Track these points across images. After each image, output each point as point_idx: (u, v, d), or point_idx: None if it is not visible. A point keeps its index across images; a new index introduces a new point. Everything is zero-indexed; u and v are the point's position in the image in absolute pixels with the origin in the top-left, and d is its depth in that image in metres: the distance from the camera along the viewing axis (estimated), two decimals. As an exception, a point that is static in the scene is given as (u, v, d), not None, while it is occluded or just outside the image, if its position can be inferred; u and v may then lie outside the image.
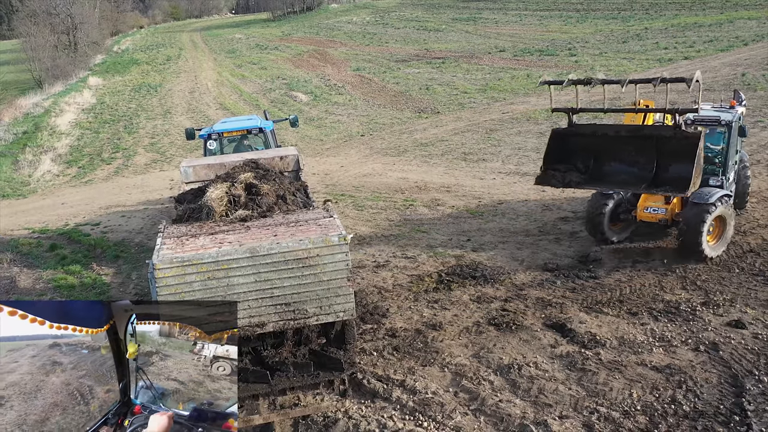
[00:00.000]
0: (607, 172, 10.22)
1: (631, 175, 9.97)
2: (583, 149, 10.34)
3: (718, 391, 7.17)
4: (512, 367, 7.88)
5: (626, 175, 10.04)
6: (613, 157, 10.22)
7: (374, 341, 8.71)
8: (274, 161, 9.92)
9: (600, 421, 6.84)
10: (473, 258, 11.21)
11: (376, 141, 21.58)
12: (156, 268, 6.32)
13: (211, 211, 7.89)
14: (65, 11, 53.82)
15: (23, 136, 26.64)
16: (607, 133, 10.19)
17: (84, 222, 15.22)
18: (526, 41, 42.52)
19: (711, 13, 44.72)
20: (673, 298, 9.23)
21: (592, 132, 10.34)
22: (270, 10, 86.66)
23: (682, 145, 9.24)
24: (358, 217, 13.83)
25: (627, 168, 10.07)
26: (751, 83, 23.31)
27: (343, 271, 6.78)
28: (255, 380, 6.96)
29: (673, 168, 9.58)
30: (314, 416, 7.23)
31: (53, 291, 11.40)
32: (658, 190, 9.74)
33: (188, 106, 31.16)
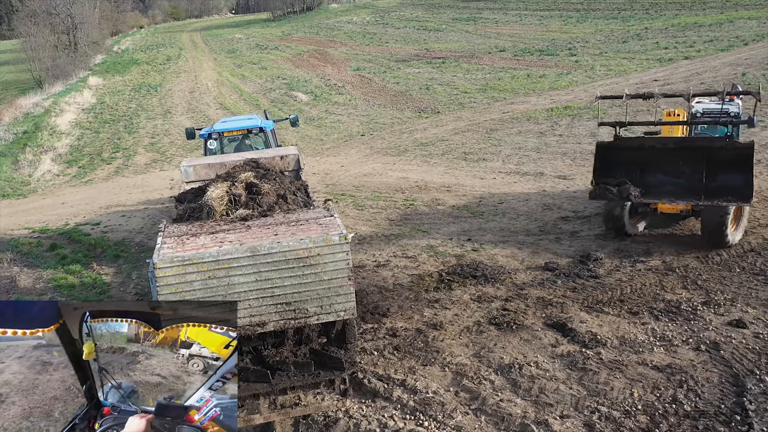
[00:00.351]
0: (652, 183, 10.50)
1: (678, 186, 10.33)
2: (629, 162, 10.60)
3: (719, 391, 7.15)
4: (513, 367, 7.87)
5: (672, 186, 10.37)
6: (658, 168, 10.53)
7: (375, 341, 8.70)
8: (274, 161, 9.92)
9: (601, 420, 6.83)
10: (474, 257, 11.20)
11: (377, 141, 21.58)
12: (156, 267, 6.31)
13: (212, 210, 7.88)
14: (65, 11, 53.83)
15: (23, 136, 26.63)
16: (654, 145, 10.47)
17: (84, 222, 15.21)
18: (526, 41, 42.51)
19: (711, 13, 44.72)
20: (674, 298, 9.22)
21: (639, 145, 10.61)
22: (270, 10, 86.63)
23: (734, 155, 9.60)
24: (358, 217, 13.82)
25: (673, 179, 10.40)
26: (751, 83, 23.29)
27: (344, 270, 6.77)
28: (256, 379, 6.95)
29: (723, 177, 9.95)
30: (315, 416, 7.22)
31: (53, 291, 11.38)
32: (720, 201, 9.89)
33: (188, 106, 31.15)
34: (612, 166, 10.50)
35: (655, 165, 10.52)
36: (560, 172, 16.01)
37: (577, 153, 17.55)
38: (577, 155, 17.34)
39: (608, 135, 18.81)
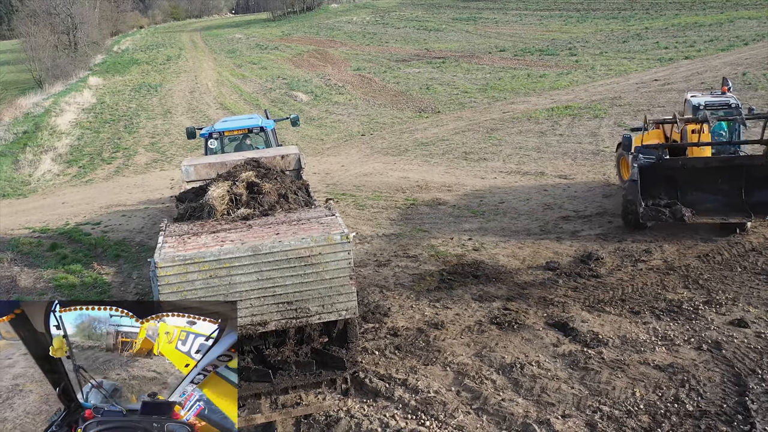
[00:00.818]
0: (691, 201, 10.94)
1: (717, 203, 10.90)
2: (669, 181, 11.06)
3: (721, 390, 7.14)
4: (514, 366, 7.86)
5: (711, 203, 10.91)
6: (696, 186, 11.01)
7: (376, 340, 8.68)
8: (275, 160, 9.91)
9: (603, 420, 6.82)
10: (475, 257, 11.19)
11: (377, 140, 21.56)
12: (158, 266, 6.29)
13: (213, 209, 7.87)
14: (65, 11, 53.77)
15: (23, 136, 26.61)
16: (695, 165, 10.96)
17: (84, 221, 15.20)
18: (526, 41, 42.49)
19: (711, 12, 44.70)
20: (676, 297, 9.21)
21: (681, 165, 11.05)
22: (270, 10, 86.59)
23: None
24: (359, 217, 13.81)
25: (711, 196, 10.94)
26: (752, 82, 23.30)
27: (346, 269, 6.76)
28: (257, 379, 6.94)
29: (761, 193, 10.69)
30: (316, 415, 7.20)
31: (54, 290, 11.37)
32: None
33: (188, 106, 31.14)
34: (652, 186, 10.87)
35: (693, 183, 11.01)
36: (561, 171, 16.00)
37: (578, 153, 17.54)
38: (578, 155, 17.32)
39: (609, 135, 18.84)
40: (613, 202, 13.31)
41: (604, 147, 17.73)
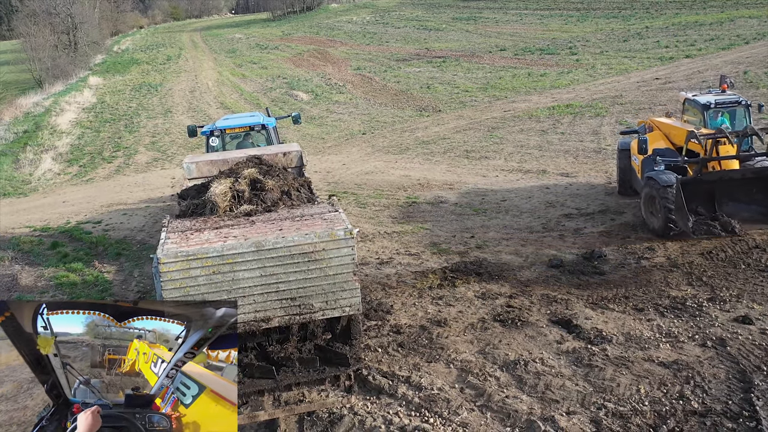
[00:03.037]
0: (729, 212, 11.14)
1: (753, 212, 11.16)
2: (706, 194, 11.23)
3: (726, 387, 7.10)
4: (518, 363, 7.82)
5: (747, 212, 11.17)
6: (731, 197, 11.25)
7: (379, 338, 8.64)
8: (277, 157, 9.86)
9: (608, 416, 6.78)
10: (477, 255, 11.15)
11: (378, 139, 21.53)
12: (160, 262, 6.25)
13: (215, 206, 7.84)
14: (65, 11, 53.71)
15: (24, 135, 26.59)
16: (732, 177, 11.17)
17: (85, 220, 15.16)
18: (526, 40, 42.46)
19: (712, 11, 44.66)
20: (680, 294, 9.18)
21: (718, 177, 11.24)
22: (270, 10, 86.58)
23: None
24: (360, 215, 13.77)
25: (747, 206, 11.18)
26: (753, 81, 23.27)
27: (349, 265, 6.72)
28: (260, 376, 6.91)
29: None
30: (319, 412, 7.16)
31: (55, 289, 11.34)
32: None
33: (189, 105, 31.11)
34: (690, 199, 10.92)
35: (729, 194, 11.22)
36: (563, 169, 15.97)
37: (579, 150, 17.51)
38: (580, 153, 17.29)
39: (610, 133, 18.81)
40: (615, 200, 13.29)
41: (605, 145, 17.70)
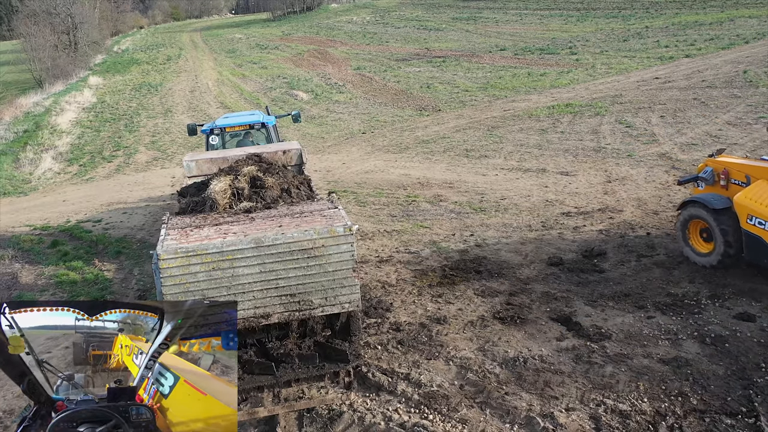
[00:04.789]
0: None
1: None
2: None
3: (726, 384, 7.11)
4: (518, 360, 7.83)
5: None
6: None
7: (378, 335, 8.65)
8: (276, 155, 9.87)
9: (607, 413, 6.79)
10: (477, 253, 11.16)
11: (378, 138, 21.54)
12: (160, 258, 6.25)
13: (215, 203, 7.85)
14: (65, 11, 53.76)
15: (24, 135, 26.62)
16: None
17: (85, 219, 15.18)
18: (526, 40, 42.49)
19: (712, 11, 44.69)
20: (679, 292, 9.17)
21: None
22: (270, 10, 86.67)
23: None
24: (360, 213, 13.78)
25: None
26: (753, 80, 23.28)
27: (349, 262, 6.72)
28: (260, 372, 6.91)
29: None
30: (319, 409, 7.17)
31: (55, 287, 11.35)
32: None
33: (189, 105, 31.14)
34: None
35: None
36: (562, 168, 15.98)
37: (579, 150, 17.51)
38: (579, 152, 17.30)
39: (610, 132, 18.82)
40: (615, 199, 13.31)
41: (605, 144, 17.71)
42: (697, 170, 10.45)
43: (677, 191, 13.37)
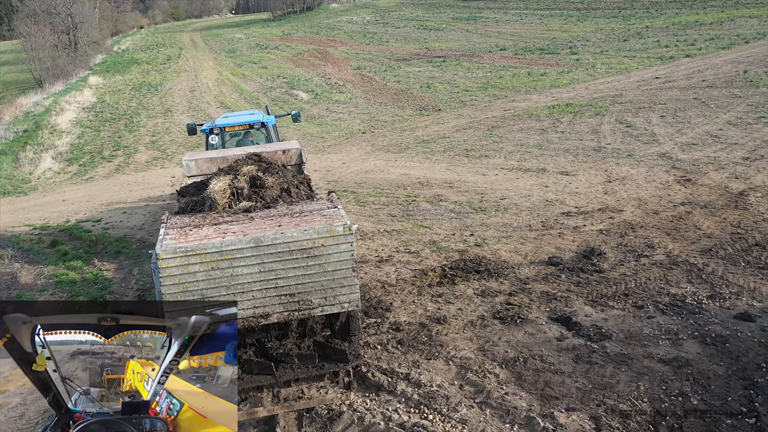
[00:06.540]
0: None
1: None
2: None
3: (726, 384, 7.09)
4: (518, 360, 7.81)
5: None
6: None
7: (378, 335, 8.64)
8: (276, 155, 9.83)
9: (607, 413, 6.77)
10: (477, 252, 11.14)
11: (378, 138, 21.52)
12: (159, 257, 6.23)
13: (214, 203, 7.81)
14: (65, 11, 53.70)
15: (24, 135, 26.59)
16: None
17: (85, 218, 15.16)
18: (527, 40, 42.47)
19: (712, 11, 44.67)
20: (679, 292, 9.17)
21: None
22: (270, 10, 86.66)
23: None
24: (360, 213, 13.76)
25: None
26: (753, 80, 23.26)
27: (348, 261, 6.69)
28: (259, 372, 6.88)
29: None
30: (318, 409, 7.16)
31: (55, 287, 11.33)
32: None
33: (189, 105, 31.12)
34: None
35: None
36: (562, 168, 15.96)
37: (579, 149, 17.49)
38: (579, 151, 17.28)
39: (610, 132, 18.80)
40: (615, 199, 13.29)
41: (605, 144, 17.69)
42: None
43: (677, 191, 13.37)
